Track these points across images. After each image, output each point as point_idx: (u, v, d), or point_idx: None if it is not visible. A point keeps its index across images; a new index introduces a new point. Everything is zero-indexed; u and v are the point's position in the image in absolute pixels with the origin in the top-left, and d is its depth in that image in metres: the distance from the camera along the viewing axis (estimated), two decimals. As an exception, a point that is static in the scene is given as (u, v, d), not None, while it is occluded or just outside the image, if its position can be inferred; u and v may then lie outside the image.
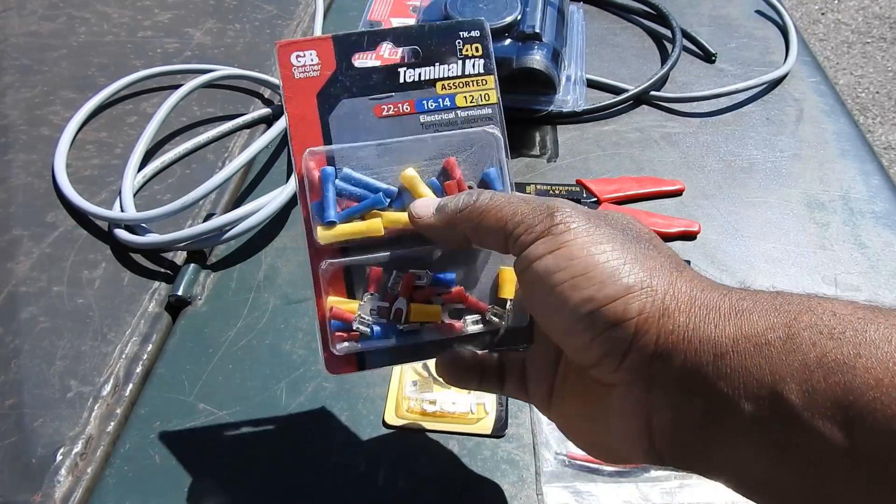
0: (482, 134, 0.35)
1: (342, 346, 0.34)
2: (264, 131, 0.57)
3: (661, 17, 0.74)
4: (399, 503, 0.39)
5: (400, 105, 0.35)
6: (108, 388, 0.44)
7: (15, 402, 0.43)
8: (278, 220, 0.54)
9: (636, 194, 0.56)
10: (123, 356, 0.46)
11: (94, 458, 0.41)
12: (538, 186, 0.56)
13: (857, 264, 0.52)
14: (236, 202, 0.56)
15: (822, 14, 2.51)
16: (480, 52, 0.36)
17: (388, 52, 0.39)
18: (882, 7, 2.54)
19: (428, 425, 0.42)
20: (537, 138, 0.62)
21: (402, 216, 0.34)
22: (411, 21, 0.65)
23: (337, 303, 0.34)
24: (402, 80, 0.36)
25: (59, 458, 0.40)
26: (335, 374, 0.34)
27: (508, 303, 0.34)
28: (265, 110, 0.64)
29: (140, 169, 0.56)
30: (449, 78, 0.36)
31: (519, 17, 0.59)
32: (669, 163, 0.60)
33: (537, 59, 0.57)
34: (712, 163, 0.60)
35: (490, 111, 0.36)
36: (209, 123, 0.62)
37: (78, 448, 0.41)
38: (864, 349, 0.23)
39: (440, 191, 0.35)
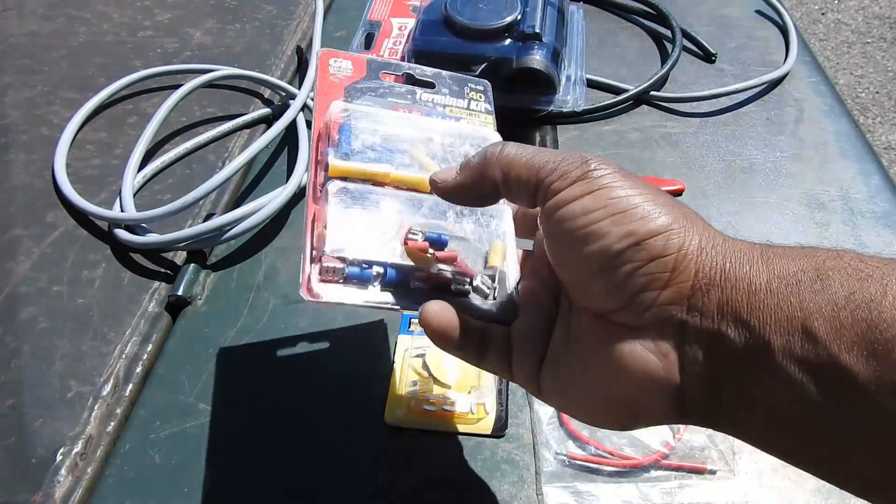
0: (485, 132, 0.40)
1: (325, 264, 0.32)
2: (264, 131, 0.57)
3: (661, 17, 0.74)
4: (399, 503, 0.39)
5: (413, 111, 0.40)
6: (108, 388, 0.44)
7: (15, 402, 0.43)
8: (278, 220, 0.54)
9: (636, 194, 0.56)
10: (123, 356, 0.46)
11: (94, 458, 0.41)
12: (538, 186, 0.56)
13: (857, 264, 0.52)
14: (236, 202, 0.56)
15: (822, 14, 2.51)
16: (483, 99, 0.43)
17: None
18: (882, 7, 2.54)
19: (428, 425, 0.42)
20: (537, 138, 0.62)
21: (408, 176, 0.36)
22: (411, 21, 0.65)
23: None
24: (418, 98, 0.41)
25: (59, 458, 0.40)
26: (312, 300, 0.32)
27: (498, 270, 0.35)
28: (265, 110, 0.64)
29: (140, 169, 0.56)
30: (457, 107, 0.42)
31: (519, 17, 0.59)
32: (669, 163, 0.60)
33: (537, 59, 0.57)
34: (712, 163, 0.60)
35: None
36: (209, 123, 0.62)
37: (78, 448, 0.41)
38: (890, 287, 0.24)
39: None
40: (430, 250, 0.34)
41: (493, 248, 0.36)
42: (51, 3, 0.75)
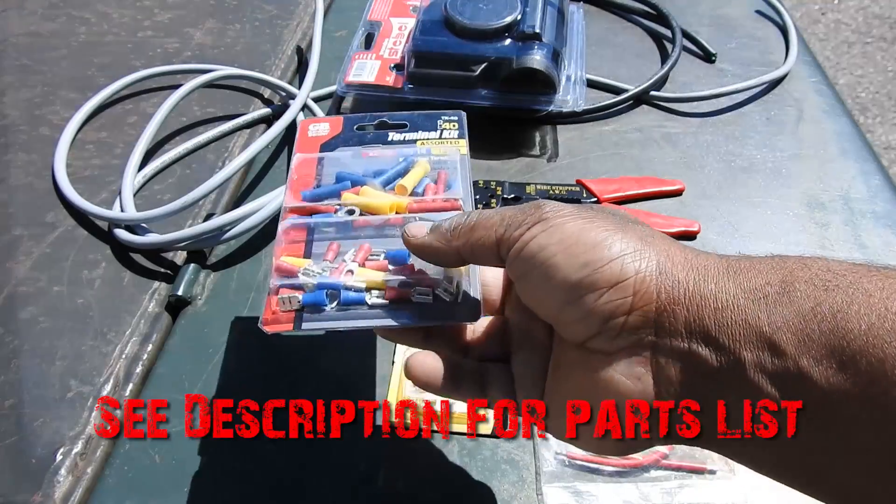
0: (446, 158, 0.42)
1: (281, 295, 0.33)
2: (264, 131, 0.57)
3: (661, 17, 0.74)
4: (399, 503, 0.39)
5: (384, 152, 0.42)
6: (108, 388, 0.44)
7: (15, 402, 0.43)
8: (278, 220, 0.54)
9: (636, 194, 0.56)
10: (123, 356, 0.46)
11: (94, 458, 0.41)
12: (538, 186, 0.56)
13: (857, 264, 0.52)
14: (236, 202, 0.56)
15: (822, 14, 2.51)
16: (457, 128, 0.44)
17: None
18: (882, 7, 2.54)
19: (428, 425, 0.42)
20: (537, 138, 0.62)
21: (370, 202, 0.39)
22: (411, 21, 0.65)
23: (288, 260, 0.36)
24: (389, 139, 0.43)
25: (59, 458, 0.40)
26: (271, 331, 0.33)
27: (458, 276, 0.35)
28: (265, 110, 0.64)
29: (140, 169, 0.56)
30: (428, 139, 0.43)
31: (519, 17, 0.59)
32: (669, 163, 0.60)
33: (537, 59, 0.57)
34: (712, 163, 0.60)
35: (462, 158, 0.42)
36: (209, 123, 0.62)
37: (78, 448, 0.41)
38: (856, 297, 0.24)
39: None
40: (389, 267, 0.35)
41: None
42: (51, 3, 0.75)
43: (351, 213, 0.38)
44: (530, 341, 0.33)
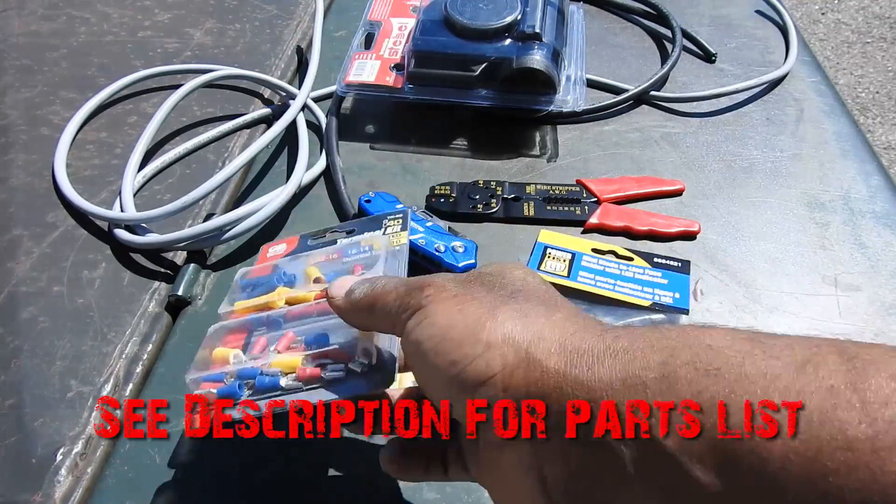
0: (373, 253, 0.41)
1: (196, 379, 0.35)
2: (264, 131, 0.57)
3: (661, 17, 0.74)
4: (399, 503, 0.39)
5: (329, 255, 0.43)
6: (108, 388, 0.44)
7: (15, 402, 0.43)
8: (278, 220, 0.54)
9: (636, 194, 0.56)
10: (123, 356, 0.45)
11: (94, 458, 0.41)
12: (538, 186, 0.56)
13: (857, 264, 0.52)
14: (236, 202, 0.56)
15: (822, 14, 2.51)
16: (400, 223, 0.43)
17: None
18: (882, 7, 2.54)
19: (428, 425, 0.42)
20: (537, 138, 0.62)
21: (297, 295, 0.39)
22: (411, 21, 0.65)
23: (218, 352, 0.37)
24: (338, 245, 0.43)
25: (59, 458, 0.40)
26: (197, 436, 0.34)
27: (365, 346, 0.34)
28: (265, 110, 0.64)
29: (140, 169, 0.56)
30: (373, 238, 0.42)
31: (519, 17, 0.59)
32: (669, 163, 0.60)
33: (537, 59, 0.57)
34: (712, 163, 0.60)
35: (399, 248, 0.41)
36: (209, 123, 0.62)
37: (78, 448, 0.41)
38: (738, 386, 0.22)
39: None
40: (304, 352, 0.35)
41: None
42: (51, 3, 0.75)
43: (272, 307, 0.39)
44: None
